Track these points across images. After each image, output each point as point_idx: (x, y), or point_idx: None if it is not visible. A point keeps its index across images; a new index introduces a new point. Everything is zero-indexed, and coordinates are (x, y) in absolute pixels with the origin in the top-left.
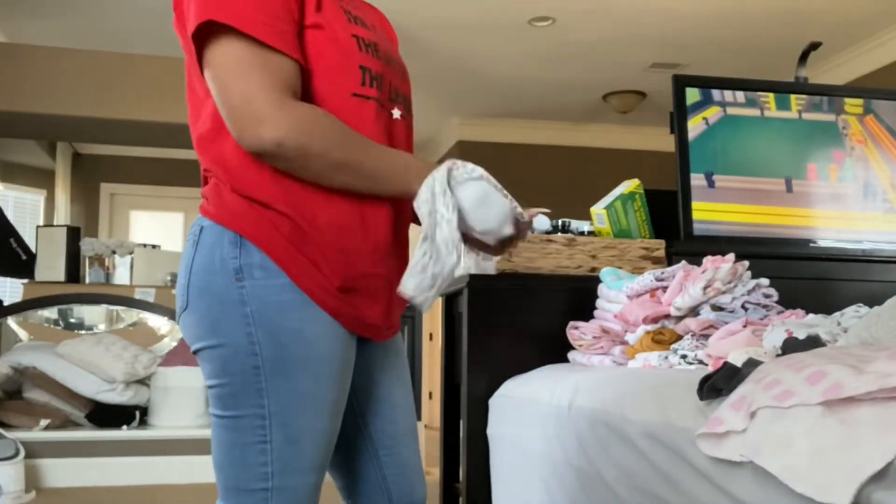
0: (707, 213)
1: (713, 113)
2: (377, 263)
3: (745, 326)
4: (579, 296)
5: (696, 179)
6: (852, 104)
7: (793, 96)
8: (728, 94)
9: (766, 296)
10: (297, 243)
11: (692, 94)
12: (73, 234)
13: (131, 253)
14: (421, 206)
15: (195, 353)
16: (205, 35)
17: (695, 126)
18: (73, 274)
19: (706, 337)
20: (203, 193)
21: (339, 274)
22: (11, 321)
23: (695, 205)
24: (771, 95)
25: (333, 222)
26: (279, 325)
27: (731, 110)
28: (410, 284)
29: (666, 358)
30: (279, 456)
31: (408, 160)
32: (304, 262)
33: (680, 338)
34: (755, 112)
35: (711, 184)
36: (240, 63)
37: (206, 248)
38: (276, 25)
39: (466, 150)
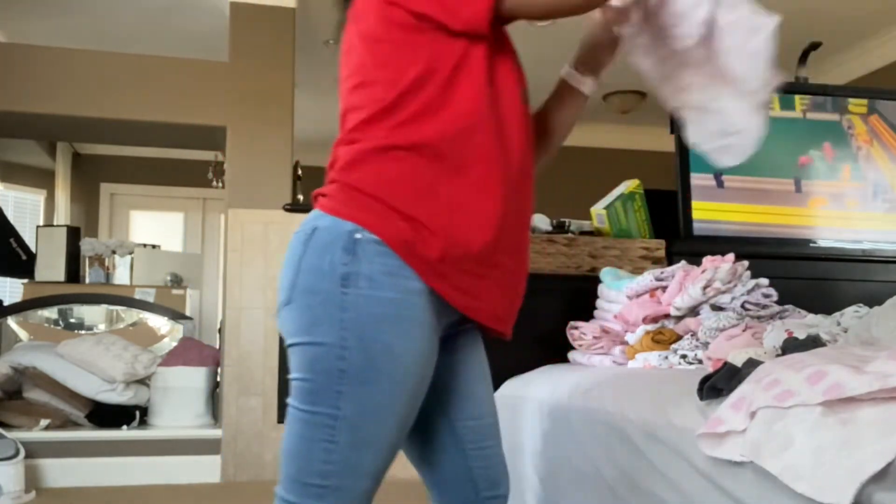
0: (715, 212)
1: None
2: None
3: (744, 331)
4: (579, 296)
5: (705, 179)
6: (856, 104)
7: (797, 96)
8: None
9: (766, 296)
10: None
11: None
12: (73, 234)
13: (131, 253)
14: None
15: (289, 346)
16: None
17: None
18: (73, 274)
19: None
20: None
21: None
22: (11, 321)
23: (703, 204)
24: (775, 97)
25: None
26: (372, 337)
27: None
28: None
29: (666, 358)
30: (341, 457)
31: None
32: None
33: (680, 338)
34: None
35: (721, 184)
36: None
37: (318, 249)
38: None
39: None
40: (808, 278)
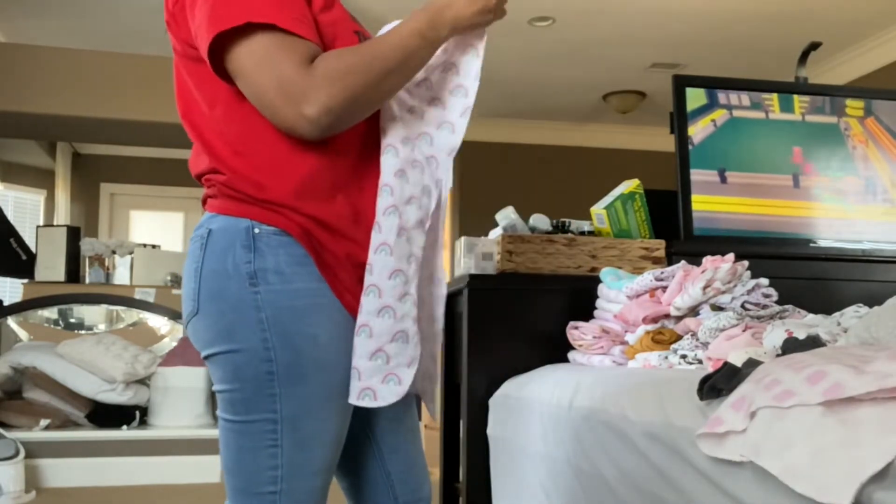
0: (717, 205)
1: (720, 115)
2: None
3: (744, 331)
4: (579, 296)
5: (709, 175)
6: (854, 106)
7: (796, 98)
8: (733, 97)
9: (766, 296)
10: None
11: (698, 97)
12: (73, 234)
13: (131, 253)
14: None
15: (206, 358)
16: (223, 42)
17: (703, 127)
18: (73, 274)
19: None
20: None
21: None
22: (11, 321)
23: (705, 198)
24: (775, 97)
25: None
26: (294, 331)
27: (736, 112)
28: None
29: (666, 358)
30: (289, 460)
31: (405, 25)
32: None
33: (680, 338)
34: (760, 114)
35: (724, 179)
36: (268, 52)
37: (217, 252)
38: (295, 15)
39: (467, 150)
40: (808, 278)
